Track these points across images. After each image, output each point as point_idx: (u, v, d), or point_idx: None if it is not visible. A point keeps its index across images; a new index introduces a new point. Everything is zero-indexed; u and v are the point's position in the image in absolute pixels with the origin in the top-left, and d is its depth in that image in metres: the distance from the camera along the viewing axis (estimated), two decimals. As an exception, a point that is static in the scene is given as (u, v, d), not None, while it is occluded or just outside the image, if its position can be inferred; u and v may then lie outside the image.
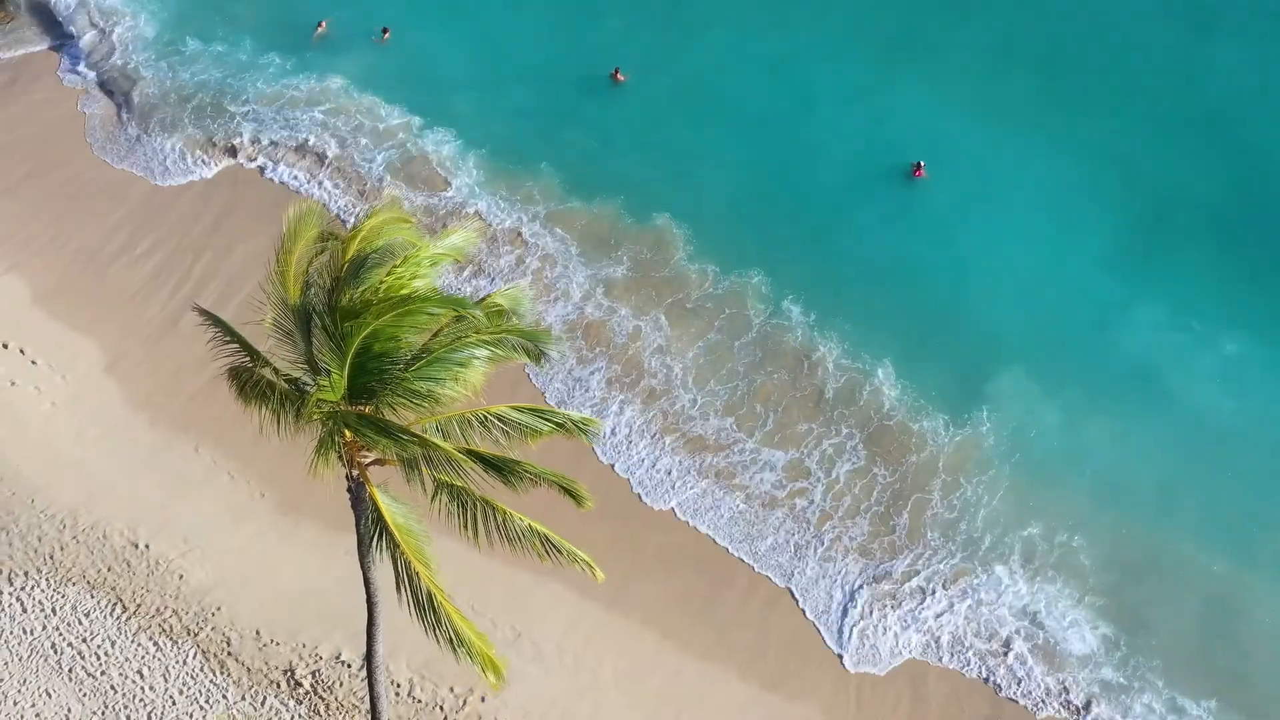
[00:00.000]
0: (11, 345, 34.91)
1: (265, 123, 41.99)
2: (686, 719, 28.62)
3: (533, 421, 19.37)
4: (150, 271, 37.73)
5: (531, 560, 20.07)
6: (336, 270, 18.87)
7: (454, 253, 19.52)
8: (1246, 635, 30.07)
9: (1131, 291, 36.85)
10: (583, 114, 42.41)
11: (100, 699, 28.06)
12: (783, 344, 35.91)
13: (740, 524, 32.18)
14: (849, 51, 44.23)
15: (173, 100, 42.96)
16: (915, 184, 39.63)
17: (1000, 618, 30.22)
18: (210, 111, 42.49)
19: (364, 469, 20.05)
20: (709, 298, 37.07)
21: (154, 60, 44.51)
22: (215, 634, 29.38)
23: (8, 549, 30.44)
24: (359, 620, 25.08)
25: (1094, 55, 43.84)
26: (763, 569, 31.33)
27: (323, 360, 18.67)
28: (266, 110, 42.40)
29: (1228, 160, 40.17)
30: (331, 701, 28.36)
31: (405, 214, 19.95)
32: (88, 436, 33.14)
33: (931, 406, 34.27)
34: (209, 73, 43.92)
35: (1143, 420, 33.96)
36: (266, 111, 42.36)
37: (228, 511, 31.79)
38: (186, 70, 44.07)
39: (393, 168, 40.76)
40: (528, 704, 28.51)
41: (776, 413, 34.25)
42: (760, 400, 34.56)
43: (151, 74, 43.94)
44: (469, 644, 19.14)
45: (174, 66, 44.26)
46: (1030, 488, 32.64)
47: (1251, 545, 31.62)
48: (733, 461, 33.29)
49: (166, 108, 42.71)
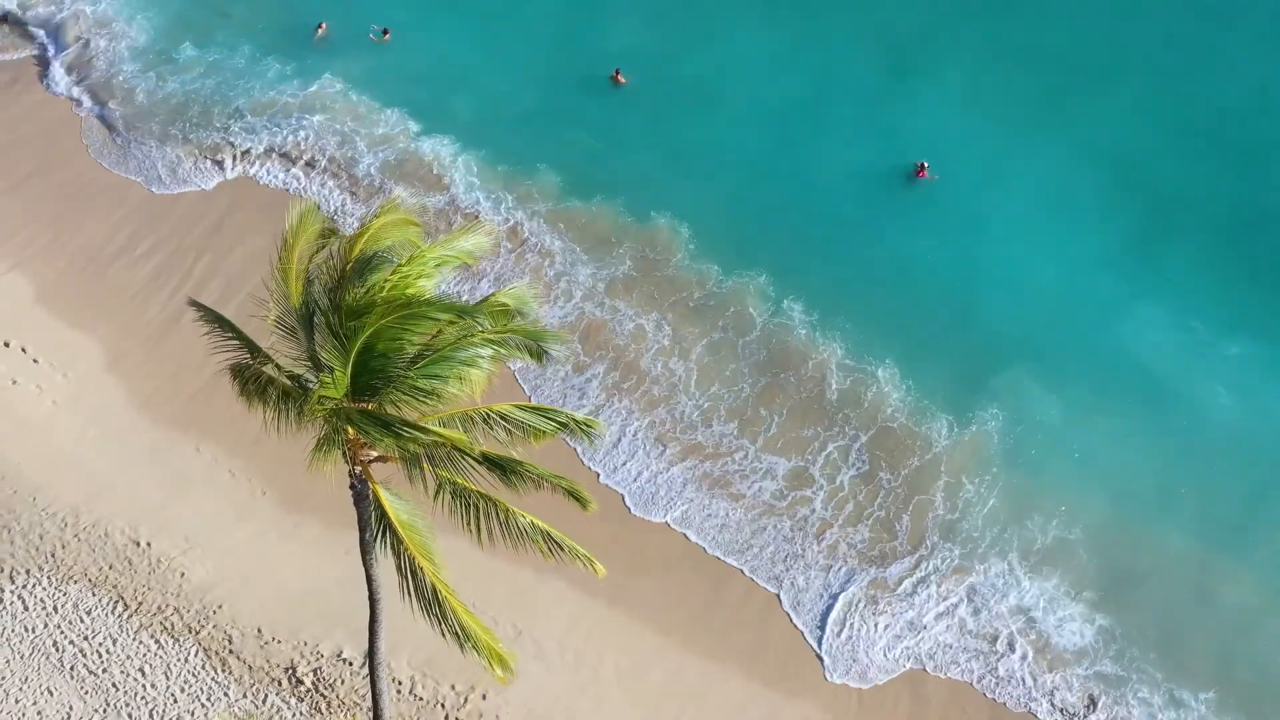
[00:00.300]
0: (13, 344, 34.97)
1: (263, 129, 41.92)
2: (689, 716, 28.67)
3: (535, 420, 19.39)
4: (151, 271, 37.84)
5: (533, 558, 20.13)
6: (341, 268, 18.91)
7: (464, 256, 19.52)
8: (1246, 632, 30.11)
9: (1134, 292, 36.79)
10: (583, 115, 42.39)
11: (102, 697, 28.09)
12: (787, 344, 35.83)
13: (737, 532, 32.00)
14: (852, 51, 44.28)
15: (165, 110, 42.88)
16: (918, 184, 39.63)
17: (999, 617, 30.21)
18: (207, 119, 42.47)
19: (367, 466, 20.11)
20: (712, 296, 37.09)
21: (142, 72, 44.23)
22: (217, 632, 29.41)
23: (9, 547, 30.47)
24: (360, 618, 25.13)
25: (1098, 53, 43.80)
26: (759, 578, 31.24)
27: (326, 357, 18.71)
28: (263, 118, 42.26)
29: (1230, 160, 40.11)
30: (333, 699, 28.40)
31: (411, 215, 19.93)
32: (89, 435, 33.19)
33: (935, 407, 34.18)
34: (205, 80, 43.86)
35: (1144, 420, 33.89)
36: (262, 120, 42.20)
37: (229, 510, 31.84)
38: (177, 79, 43.89)
39: (392, 169, 40.79)
40: (530, 701, 28.55)
41: (780, 416, 34.16)
42: (764, 404, 34.42)
43: (141, 84, 43.75)
44: (475, 638, 19.20)
45: (164, 76, 44.08)
46: (1032, 488, 32.57)
47: (1251, 543, 31.65)
48: (730, 470, 33.10)
49: (157, 117, 42.61)
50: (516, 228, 39.07)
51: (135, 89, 43.61)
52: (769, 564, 31.45)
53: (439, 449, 18.24)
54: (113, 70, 44.36)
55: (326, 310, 18.58)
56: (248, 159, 41.23)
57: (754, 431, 33.92)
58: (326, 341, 18.40)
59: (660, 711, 28.69)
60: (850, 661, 29.63)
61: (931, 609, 30.35)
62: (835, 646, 29.83)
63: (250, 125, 42.07)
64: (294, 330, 19.50)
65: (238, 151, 41.31)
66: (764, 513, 32.35)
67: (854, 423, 34.00)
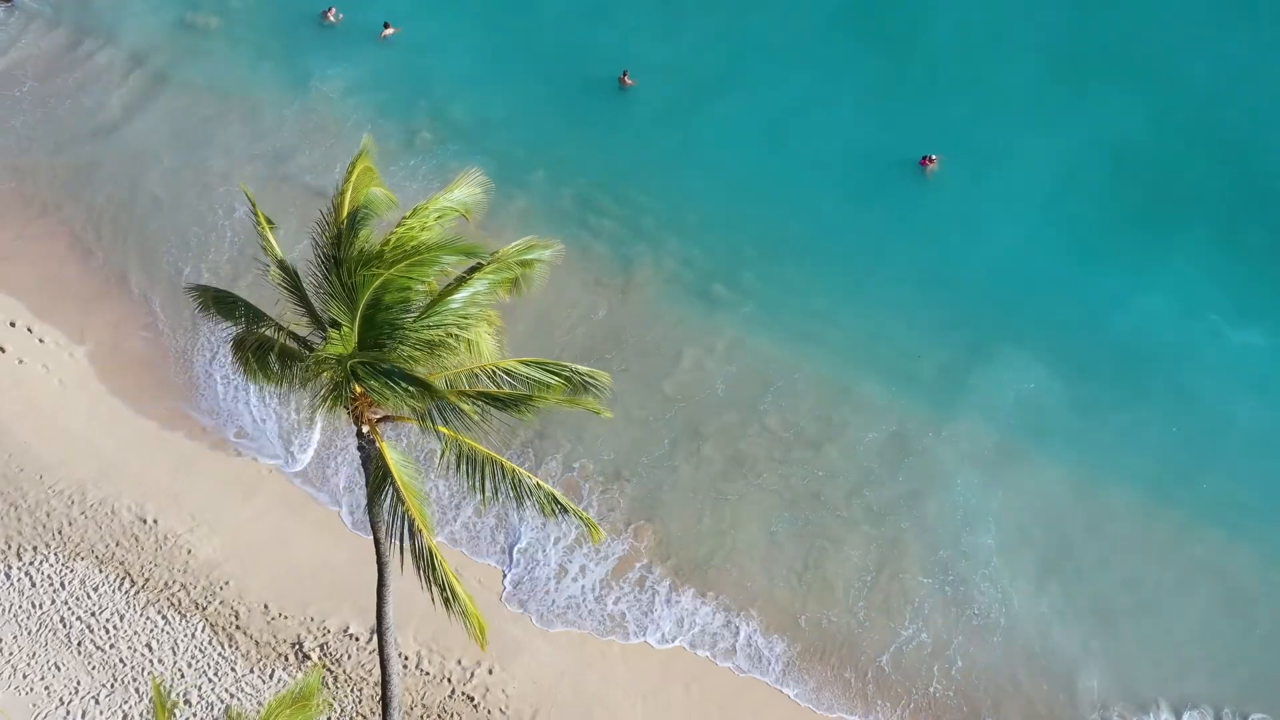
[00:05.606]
0: (19, 323, 35.09)
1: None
2: (695, 690, 28.67)
3: (541, 375, 19.48)
4: (160, 250, 37.92)
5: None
6: (337, 223, 19.00)
7: (460, 208, 19.62)
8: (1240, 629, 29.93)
9: (1136, 282, 36.60)
10: (590, 116, 41.98)
11: (109, 672, 28.13)
12: (787, 344, 35.60)
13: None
14: (854, 50, 43.98)
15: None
16: (924, 177, 39.48)
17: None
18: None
19: (374, 425, 20.14)
20: (714, 295, 36.86)
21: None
22: (224, 608, 29.45)
23: (16, 524, 30.54)
24: (366, 594, 25.23)
25: (1102, 42, 43.59)
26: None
27: (333, 313, 18.74)
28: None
29: (1237, 147, 39.86)
30: (340, 674, 28.40)
31: (372, 164, 19.96)
32: (95, 413, 33.29)
33: (936, 405, 33.94)
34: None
35: (1146, 413, 33.66)
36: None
37: (237, 487, 31.92)
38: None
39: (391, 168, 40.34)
40: (536, 675, 28.56)
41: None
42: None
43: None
44: (462, 604, 19.39)
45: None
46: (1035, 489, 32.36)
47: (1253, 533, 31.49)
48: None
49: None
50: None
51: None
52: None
53: (440, 398, 18.23)
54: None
55: (331, 264, 18.63)
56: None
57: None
58: (334, 294, 18.42)
59: (666, 686, 28.70)
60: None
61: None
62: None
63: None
64: (298, 288, 19.59)
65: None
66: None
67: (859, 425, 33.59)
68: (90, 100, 42.93)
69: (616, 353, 34.98)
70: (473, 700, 27.90)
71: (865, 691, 28.72)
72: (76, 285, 36.71)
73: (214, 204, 39.04)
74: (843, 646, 29.40)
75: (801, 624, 29.76)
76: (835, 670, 29.05)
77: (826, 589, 30.30)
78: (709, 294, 36.78)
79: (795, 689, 28.74)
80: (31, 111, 42.44)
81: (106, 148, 41.19)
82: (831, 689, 28.78)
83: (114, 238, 38.19)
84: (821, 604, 30.04)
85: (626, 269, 37.37)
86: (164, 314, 35.98)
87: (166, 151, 40.95)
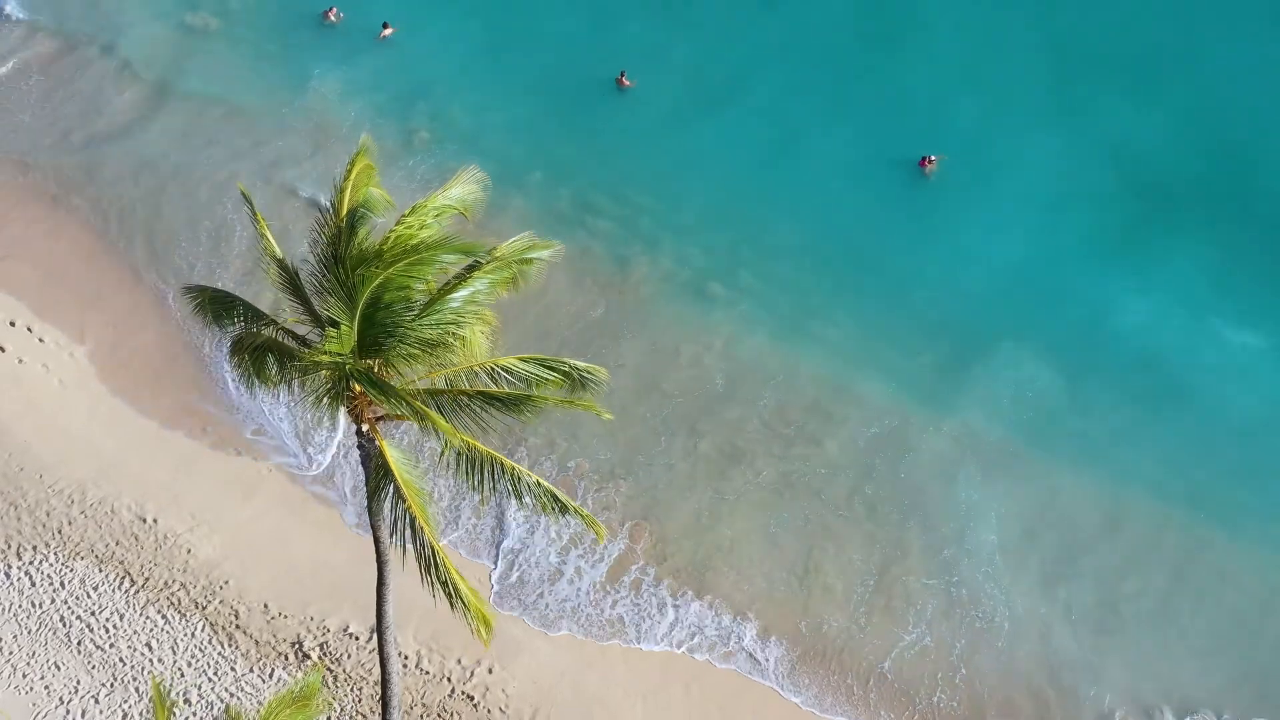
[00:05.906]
0: (19, 323, 35.09)
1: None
2: (695, 690, 28.67)
3: (539, 371, 19.48)
4: (173, 246, 37.91)
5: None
6: (336, 222, 19.00)
7: (459, 205, 19.62)
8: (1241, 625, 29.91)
9: (1137, 282, 36.58)
10: (588, 117, 41.93)
11: (109, 671, 28.12)
12: (786, 342, 35.57)
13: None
14: (856, 48, 44.11)
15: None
16: (923, 177, 39.49)
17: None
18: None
19: (374, 424, 20.14)
20: (711, 294, 36.85)
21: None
22: (224, 607, 29.45)
23: (16, 524, 30.54)
24: (366, 594, 25.22)
25: (1102, 42, 43.57)
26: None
27: (332, 313, 18.72)
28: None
29: (1232, 154, 39.86)
30: (339, 673, 28.40)
31: (371, 163, 19.94)
32: (95, 413, 33.29)
33: (937, 404, 33.89)
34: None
35: (1146, 413, 33.66)
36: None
37: (237, 486, 31.92)
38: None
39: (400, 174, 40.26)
40: (536, 675, 28.55)
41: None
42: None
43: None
44: (465, 598, 19.32)
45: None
46: (1037, 490, 32.30)
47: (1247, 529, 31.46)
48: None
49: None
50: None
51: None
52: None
53: (440, 395, 18.25)
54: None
55: (330, 263, 18.63)
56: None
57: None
58: (333, 293, 18.40)
59: (667, 686, 28.69)
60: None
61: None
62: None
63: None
64: (297, 288, 19.58)
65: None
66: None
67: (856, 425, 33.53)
68: (91, 100, 42.95)
69: (614, 350, 34.99)
70: (473, 699, 27.91)
71: (868, 699, 28.59)
72: (77, 285, 36.68)
73: (223, 200, 39.02)
74: (843, 651, 29.28)
75: (802, 629, 29.63)
76: (837, 676, 28.91)
77: (827, 591, 30.22)
78: (706, 292, 36.76)
79: (798, 696, 28.60)
80: (33, 111, 42.41)
81: (107, 147, 41.17)
82: (834, 695, 28.63)
83: (120, 236, 38.20)
84: (822, 607, 29.97)
85: (624, 268, 37.33)
86: (180, 310, 35.53)
87: (171, 150, 40.97)
